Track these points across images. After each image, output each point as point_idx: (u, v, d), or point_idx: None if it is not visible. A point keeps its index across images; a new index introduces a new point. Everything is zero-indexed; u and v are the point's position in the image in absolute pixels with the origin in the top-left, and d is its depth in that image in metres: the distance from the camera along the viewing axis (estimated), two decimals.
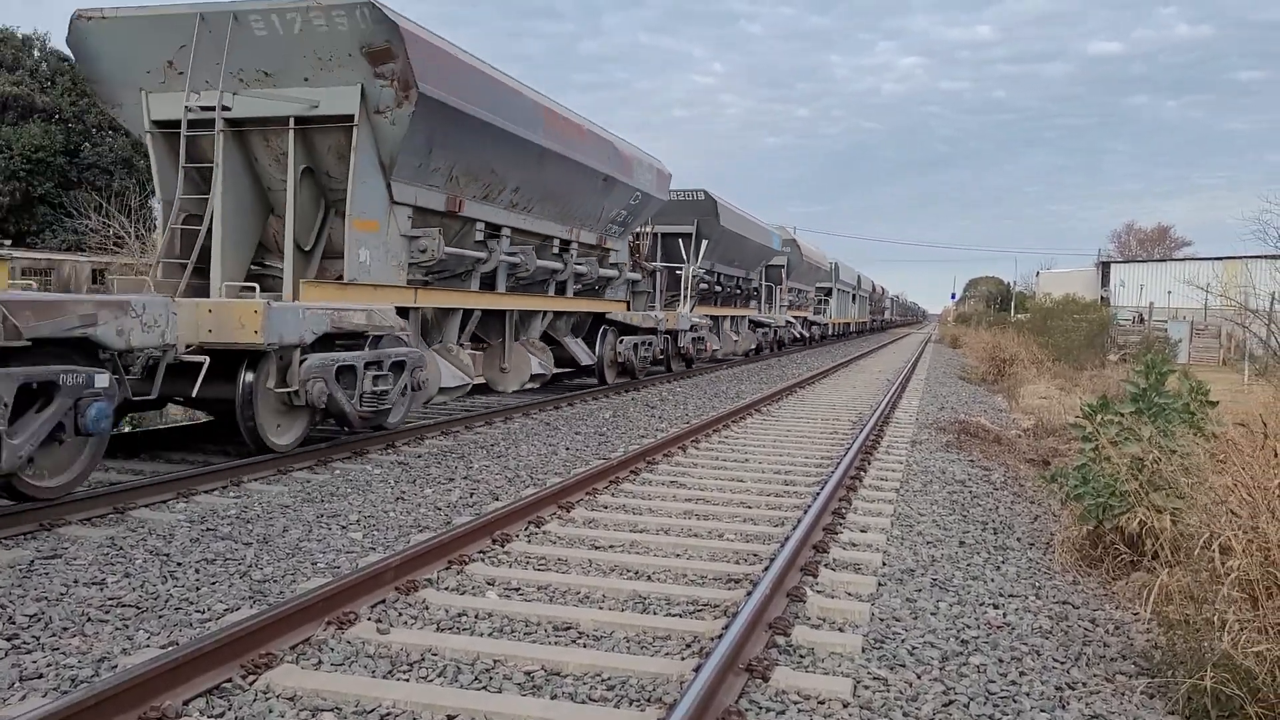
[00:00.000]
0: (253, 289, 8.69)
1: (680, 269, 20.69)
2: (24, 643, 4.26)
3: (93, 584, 5.09)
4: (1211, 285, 33.82)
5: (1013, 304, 66.31)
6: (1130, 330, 35.49)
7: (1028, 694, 4.12)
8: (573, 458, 9.54)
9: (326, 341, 8.73)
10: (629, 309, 17.08)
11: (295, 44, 8.94)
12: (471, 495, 7.63)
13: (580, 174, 13.64)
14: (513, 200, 12.33)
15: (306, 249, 9.98)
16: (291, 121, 9.24)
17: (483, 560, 5.78)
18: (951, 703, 4.00)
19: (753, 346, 28.23)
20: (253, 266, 10.04)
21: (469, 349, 12.14)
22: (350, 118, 9.16)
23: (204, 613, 4.72)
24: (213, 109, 9.14)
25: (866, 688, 4.10)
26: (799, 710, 3.84)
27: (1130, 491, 5.90)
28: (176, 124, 9.33)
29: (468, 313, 11.98)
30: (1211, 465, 5.40)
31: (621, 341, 16.77)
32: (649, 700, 3.92)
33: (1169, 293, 47.12)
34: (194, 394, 7.63)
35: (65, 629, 4.44)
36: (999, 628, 4.95)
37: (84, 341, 6.45)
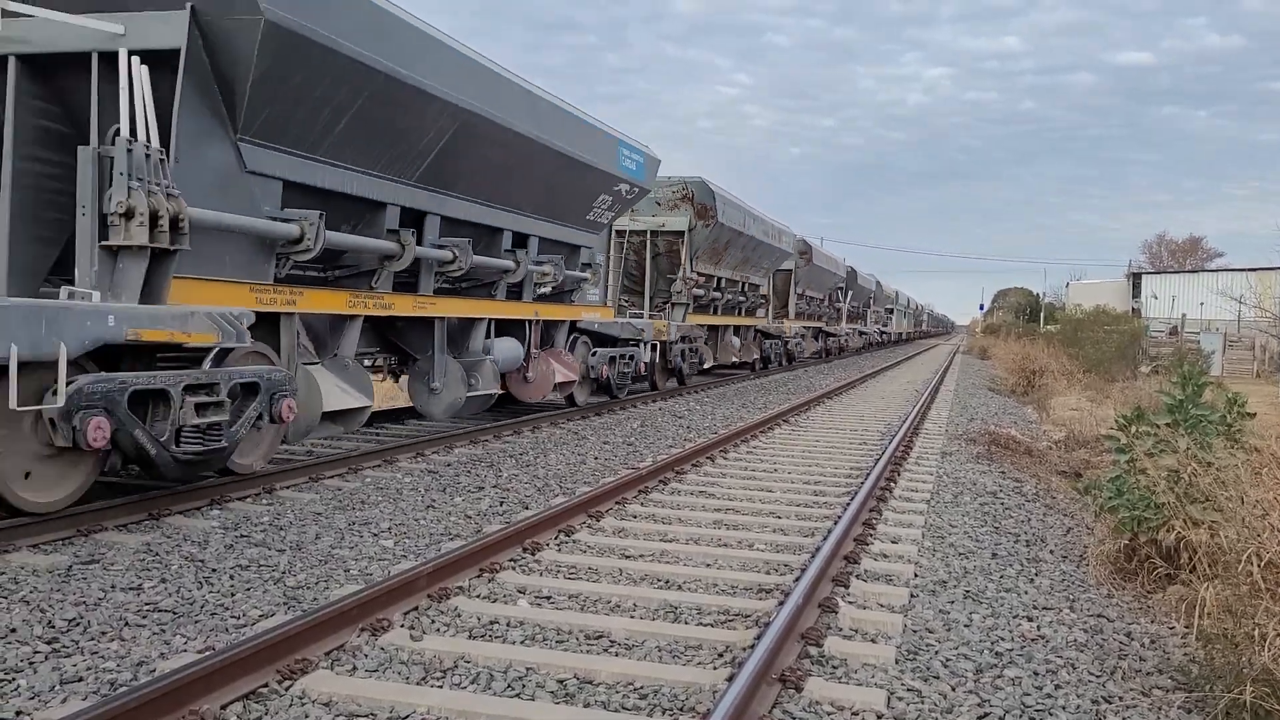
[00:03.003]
0: None
1: (838, 304, 38.72)
2: (63, 646, 4.31)
3: (130, 589, 5.15)
4: (1245, 296, 33.42)
5: (1042, 315, 65.78)
6: (1163, 342, 35.12)
7: (1064, 707, 4.09)
8: (601, 467, 9.55)
9: None
10: (833, 324, 35.86)
11: None
12: (501, 504, 7.66)
13: None
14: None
15: None
16: None
17: (514, 569, 5.80)
18: (986, 715, 3.97)
19: (860, 345, 46.18)
20: None
21: None
22: None
23: (239, 618, 4.77)
24: None
25: (900, 699, 4.08)
26: None
27: (1166, 504, 5.83)
28: None
29: None
30: (1250, 479, 5.33)
31: (818, 338, 34.16)
32: (682, 709, 3.92)
33: (1201, 304, 46.62)
34: None
35: (103, 633, 4.49)
36: (1033, 640, 4.91)
37: None
